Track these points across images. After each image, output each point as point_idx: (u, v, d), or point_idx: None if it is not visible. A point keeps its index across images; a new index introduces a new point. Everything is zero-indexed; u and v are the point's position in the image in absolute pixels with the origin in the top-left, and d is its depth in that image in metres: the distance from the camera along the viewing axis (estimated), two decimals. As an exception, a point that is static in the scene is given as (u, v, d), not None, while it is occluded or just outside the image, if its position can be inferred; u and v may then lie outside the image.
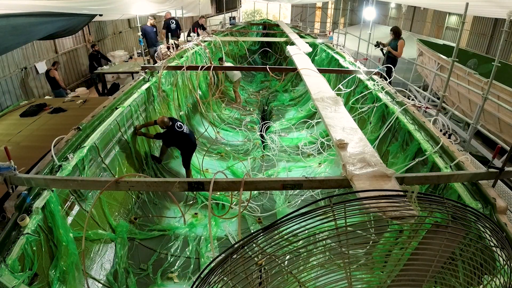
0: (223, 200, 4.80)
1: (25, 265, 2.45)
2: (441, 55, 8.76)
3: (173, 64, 6.53)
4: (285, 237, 1.40)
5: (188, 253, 3.92)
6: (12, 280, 2.19)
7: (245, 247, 1.45)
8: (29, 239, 2.49)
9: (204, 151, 6.13)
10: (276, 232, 1.42)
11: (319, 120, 6.65)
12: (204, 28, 11.33)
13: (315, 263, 1.43)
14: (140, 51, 11.15)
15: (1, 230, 2.43)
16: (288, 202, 4.82)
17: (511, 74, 8.16)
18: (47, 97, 8.83)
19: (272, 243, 1.41)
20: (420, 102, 5.94)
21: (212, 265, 1.53)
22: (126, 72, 10.58)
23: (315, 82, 4.79)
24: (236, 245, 1.46)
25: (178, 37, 10.74)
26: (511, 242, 2.24)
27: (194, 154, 5.36)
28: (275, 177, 4.82)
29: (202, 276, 1.50)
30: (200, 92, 8.05)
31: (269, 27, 13.65)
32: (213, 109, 7.97)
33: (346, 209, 1.39)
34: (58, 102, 6.55)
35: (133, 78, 7.68)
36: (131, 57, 12.50)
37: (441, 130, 3.81)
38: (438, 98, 6.57)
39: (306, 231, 1.38)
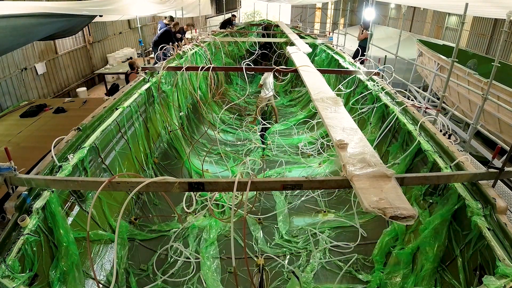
0: (224, 201, 4.80)
1: (25, 266, 2.44)
2: (441, 56, 8.76)
3: (173, 64, 6.52)
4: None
5: (188, 254, 3.92)
6: (12, 280, 2.18)
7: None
8: (29, 240, 2.49)
9: (204, 152, 6.12)
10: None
11: (319, 120, 6.65)
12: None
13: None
14: (140, 51, 11.15)
15: (1, 231, 2.42)
16: (289, 203, 4.82)
17: (511, 74, 8.17)
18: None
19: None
20: (420, 102, 5.94)
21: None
22: (126, 72, 10.59)
23: (315, 83, 4.79)
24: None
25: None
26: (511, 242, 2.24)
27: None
28: (275, 178, 4.82)
29: None
30: (200, 93, 8.05)
31: (269, 27, 13.64)
32: (213, 110, 7.97)
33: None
34: (59, 103, 6.56)
35: (133, 79, 7.67)
36: (131, 58, 12.51)
37: (441, 131, 3.80)
38: (438, 99, 6.57)
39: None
